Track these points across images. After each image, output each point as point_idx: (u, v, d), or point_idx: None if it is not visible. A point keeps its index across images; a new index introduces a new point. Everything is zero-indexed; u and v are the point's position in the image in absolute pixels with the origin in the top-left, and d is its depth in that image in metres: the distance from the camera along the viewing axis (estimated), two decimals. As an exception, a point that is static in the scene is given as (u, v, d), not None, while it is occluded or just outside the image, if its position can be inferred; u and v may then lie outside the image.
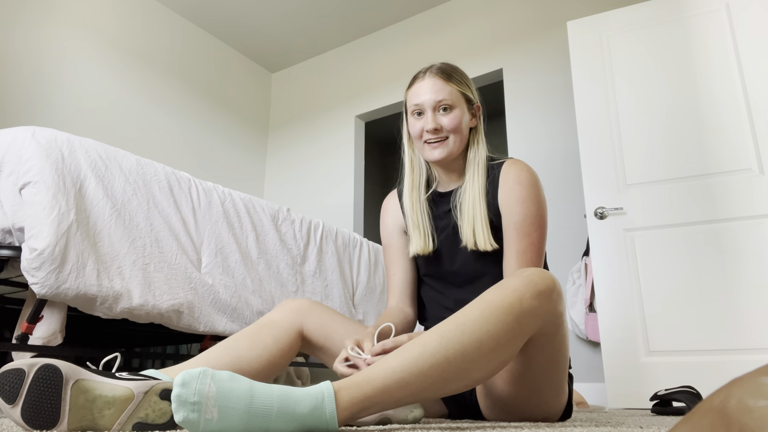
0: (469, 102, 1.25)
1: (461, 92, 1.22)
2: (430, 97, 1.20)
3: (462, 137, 1.22)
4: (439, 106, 1.20)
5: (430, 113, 1.20)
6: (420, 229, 1.27)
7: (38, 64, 3.04)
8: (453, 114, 1.20)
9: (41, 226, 1.34)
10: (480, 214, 1.19)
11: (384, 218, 1.39)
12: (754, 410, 0.29)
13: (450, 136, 1.21)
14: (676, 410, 1.73)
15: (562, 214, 2.98)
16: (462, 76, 1.25)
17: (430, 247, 1.26)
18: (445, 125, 1.20)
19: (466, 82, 1.25)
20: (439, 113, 1.20)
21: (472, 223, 1.19)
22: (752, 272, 2.08)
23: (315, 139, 4.25)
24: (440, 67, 1.23)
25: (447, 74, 1.22)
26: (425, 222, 1.27)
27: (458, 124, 1.20)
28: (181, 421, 0.66)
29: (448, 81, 1.21)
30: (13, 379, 0.73)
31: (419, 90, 1.22)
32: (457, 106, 1.21)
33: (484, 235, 1.18)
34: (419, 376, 0.79)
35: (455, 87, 1.21)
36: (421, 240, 1.26)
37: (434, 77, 1.21)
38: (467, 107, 1.24)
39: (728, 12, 2.34)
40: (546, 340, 0.96)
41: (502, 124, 5.43)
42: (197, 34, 4.05)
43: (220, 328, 1.73)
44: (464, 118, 1.22)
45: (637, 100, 2.43)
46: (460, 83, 1.22)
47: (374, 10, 3.91)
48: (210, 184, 1.89)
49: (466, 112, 1.23)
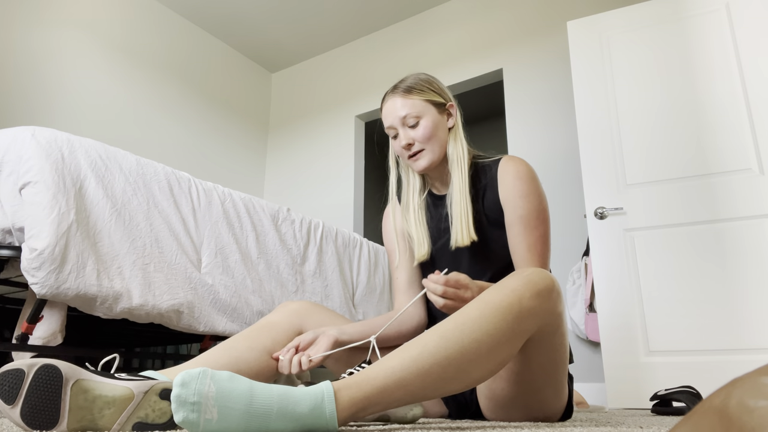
0: (440, 105, 1.26)
1: (425, 100, 1.24)
2: (396, 115, 1.23)
3: (440, 141, 1.25)
4: (406, 121, 1.23)
5: (401, 130, 1.24)
6: (415, 238, 1.29)
7: (38, 64, 3.04)
8: (422, 124, 1.22)
9: (41, 226, 1.34)
10: (467, 208, 1.20)
11: (386, 224, 1.41)
12: (754, 410, 0.29)
13: (425, 147, 1.23)
14: (676, 410, 1.73)
15: (562, 214, 2.98)
16: (425, 83, 1.26)
17: (425, 254, 1.28)
18: (416, 137, 1.23)
19: (429, 88, 1.26)
20: (408, 128, 1.23)
21: (459, 218, 1.21)
22: (752, 272, 2.08)
23: (315, 139, 4.25)
24: (401, 84, 1.26)
25: (407, 89, 1.24)
26: (419, 230, 1.29)
27: (429, 133, 1.22)
28: (181, 421, 0.66)
29: (408, 95, 1.24)
30: (12, 379, 0.73)
31: (386, 112, 1.26)
32: (424, 116, 1.23)
33: (468, 227, 1.19)
34: (419, 376, 0.79)
35: (417, 98, 1.24)
36: (416, 249, 1.29)
37: (395, 97, 1.25)
38: (437, 111, 1.25)
39: (728, 12, 2.34)
40: (545, 339, 0.96)
41: (502, 124, 5.44)
42: (197, 33, 4.05)
43: (220, 328, 1.73)
44: (435, 124, 1.24)
45: (637, 99, 2.43)
46: (421, 92, 1.24)
47: (374, 10, 3.91)
48: (210, 184, 1.89)
49: (437, 116, 1.25)
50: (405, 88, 1.25)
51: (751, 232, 2.12)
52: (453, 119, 1.28)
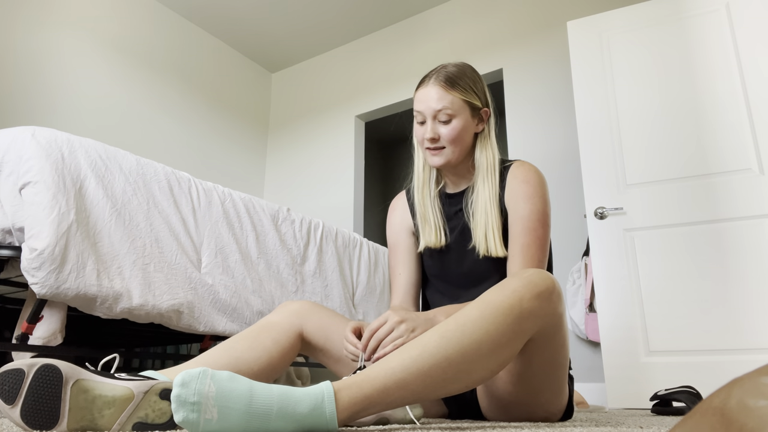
0: (475, 108, 1.22)
1: (464, 100, 1.19)
2: (430, 106, 1.18)
3: (463, 146, 1.21)
4: (439, 115, 1.19)
5: (429, 122, 1.19)
6: (431, 223, 1.26)
7: (38, 64, 3.04)
8: (452, 124, 1.19)
9: (41, 226, 1.34)
10: (492, 220, 1.19)
11: (391, 218, 1.39)
12: (754, 410, 0.29)
13: (447, 146, 1.20)
14: (676, 410, 1.73)
15: (562, 214, 2.98)
16: (470, 81, 1.22)
17: (443, 241, 1.25)
18: (443, 135, 1.19)
19: (472, 89, 1.21)
20: (439, 123, 1.19)
21: (484, 229, 1.19)
22: (752, 272, 2.08)
23: (315, 139, 4.25)
24: (446, 73, 1.21)
25: (451, 82, 1.19)
26: (437, 216, 1.27)
27: (456, 135, 1.19)
28: (181, 421, 0.66)
29: (450, 89, 1.18)
30: (12, 379, 0.73)
31: (421, 96, 1.21)
32: (458, 116, 1.19)
33: (495, 241, 1.18)
34: (419, 376, 0.79)
35: (458, 95, 1.19)
36: (433, 233, 1.25)
37: (437, 85, 1.19)
38: (471, 114, 1.21)
39: (728, 12, 2.34)
40: (546, 340, 0.96)
41: (503, 124, 5.44)
42: (197, 34, 4.05)
43: (220, 328, 1.73)
44: (465, 127, 1.20)
45: (637, 99, 2.43)
46: (464, 91, 1.20)
47: (374, 10, 3.91)
48: (210, 184, 1.89)
49: (469, 120, 1.21)
50: (449, 79, 1.19)
51: (751, 232, 2.12)
52: (483, 125, 1.25)
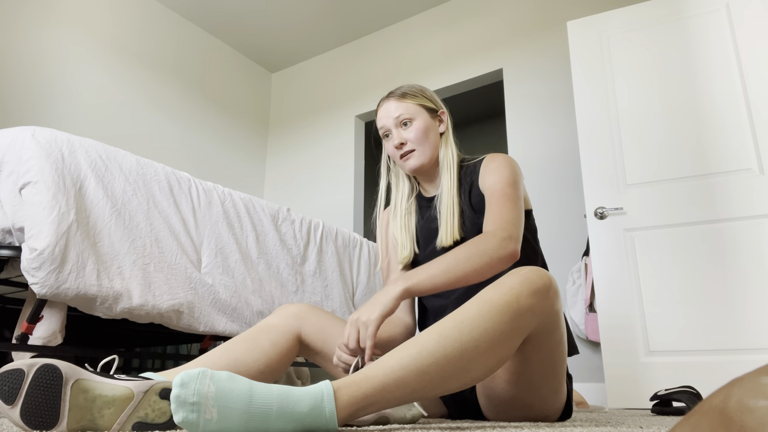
0: (432, 111, 1.33)
1: (418, 105, 1.31)
2: (389, 116, 1.30)
3: (431, 144, 1.30)
4: (400, 122, 1.29)
5: (394, 131, 1.30)
6: (399, 242, 1.34)
7: (38, 64, 3.04)
8: (414, 125, 1.29)
9: (41, 226, 1.34)
10: (454, 209, 1.25)
11: (380, 230, 1.45)
12: (754, 410, 0.29)
13: (416, 148, 1.28)
14: (676, 410, 1.73)
15: (562, 214, 2.98)
16: (418, 91, 1.33)
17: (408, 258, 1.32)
18: (409, 138, 1.29)
19: (422, 95, 1.33)
20: (402, 129, 1.30)
21: (446, 218, 1.25)
22: (752, 272, 2.08)
23: (315, 139, 4.25)
24: (396, 90, 1.34)
25: (401, 94, 1.32)
26: (403, 234, 1.35)
27: (421, 135, 1.28)
28: (181, 421, 0.66)
29: (402, 99, 1.31)
30: (12, 379, 0.73)
31: (381, 114, 1.33)
32: (417, 118, 1.30)
33: (455, 226, 1.23)
34: (418, 375, 0.79)
35: (411, 102, 1.31)
36: (399, 252, 1.34)
37: (389, 101, 1.32)
38: (429, 115, 1.32)
39: (728, 12, 2.34)
40: (543, 337, 0.97)
41: (502, 124, 5.44)
42: (197, 33, 4.06)
43: (220, 328, 1.73)
44: (427, 127, 1.30)
45: (637, 100, 2.43)
46: (415, 97, 1.32)
47: (374, 10, 3.91)
48: (210, 184, 1.89)
49: (429, 120, 1.31)
50: (399, 93, 1.33)
51: (751, 232, 2.11)
52: (444, 125, 1.35)
